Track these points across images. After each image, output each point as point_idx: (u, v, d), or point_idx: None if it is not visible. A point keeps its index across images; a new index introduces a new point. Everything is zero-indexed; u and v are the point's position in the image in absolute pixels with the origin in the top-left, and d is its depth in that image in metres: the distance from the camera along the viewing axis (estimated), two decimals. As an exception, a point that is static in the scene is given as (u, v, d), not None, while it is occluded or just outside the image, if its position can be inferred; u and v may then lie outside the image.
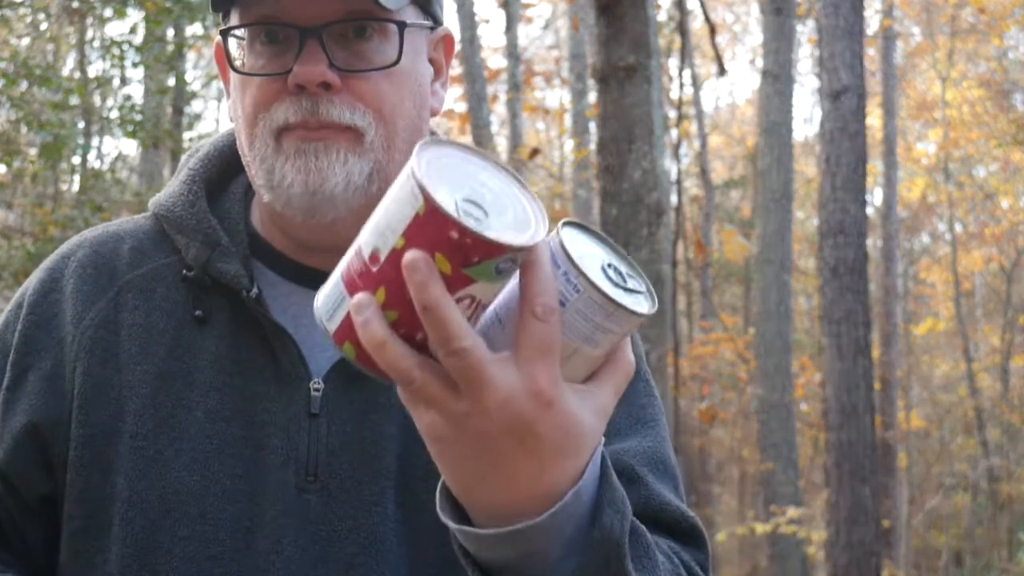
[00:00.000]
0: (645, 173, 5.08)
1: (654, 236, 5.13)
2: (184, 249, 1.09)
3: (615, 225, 5.09)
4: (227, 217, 1.12)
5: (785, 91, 10.45)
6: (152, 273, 1.10)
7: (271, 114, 1.03)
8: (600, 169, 5.22)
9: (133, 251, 1.12)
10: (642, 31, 5.08)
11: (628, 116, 5.08)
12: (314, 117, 1.01)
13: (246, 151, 1.07)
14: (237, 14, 1.05)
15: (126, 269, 1.11)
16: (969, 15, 16.95)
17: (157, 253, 1.12)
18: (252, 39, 1.04)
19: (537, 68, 15.58)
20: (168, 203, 1.12)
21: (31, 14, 8.31)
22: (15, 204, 8.22)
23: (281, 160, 1.03)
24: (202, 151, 1.18)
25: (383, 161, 1.04)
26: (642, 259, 4.99)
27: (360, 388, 1.05)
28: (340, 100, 1.01)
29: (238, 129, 1.08)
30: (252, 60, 1.04)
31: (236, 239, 1.10)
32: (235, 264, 1.07)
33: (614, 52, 5.05)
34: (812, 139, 19.53)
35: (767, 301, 10.49)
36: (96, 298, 1.09)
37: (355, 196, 1.02)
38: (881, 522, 7.29)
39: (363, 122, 1.02)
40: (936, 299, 21.23)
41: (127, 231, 1.15)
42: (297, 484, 1.02)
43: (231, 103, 1.10)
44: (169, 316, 1.08)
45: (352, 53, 1.02)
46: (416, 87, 1.07)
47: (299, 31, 1.01)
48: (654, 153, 5.20)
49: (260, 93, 1.03)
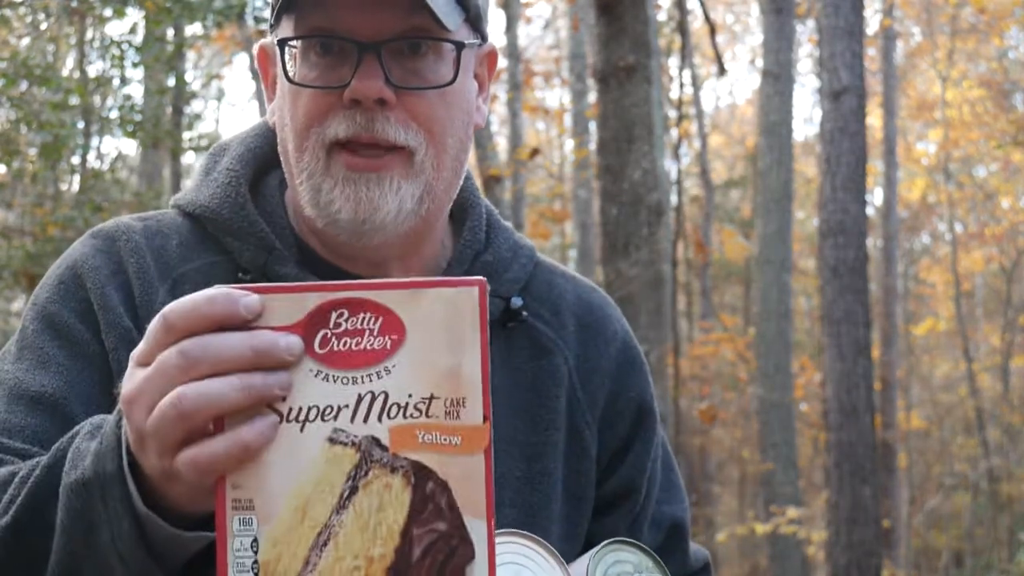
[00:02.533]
0: (645, 173, 5.07)
1: (654, 236, 5.13)
2: (237, 252, 1.07)
3: (615, 225, 5.09)
4: (273, 220, 1.10)
5: (785, 91, 10.45)
6: (206, 269, 1.08)
7: (324, 128, 1.02)
8: (600, 169, 5.21)
9: (181, 246, 1.10)
10: (642, 31, 5.08)
11: (628, 116, 5.07)
12: (368, 133, 1.00)
13: (292, 162, 1.06)
14: (291, 23, 1.03)
15: (178, 262, 1.08)
16: (969, 15, 16.94)
17: (205, 251, 1.09)
18: (307, 49, 1.02)
19: (537, 68, 15.58)
20: (212, 205, 1.10)
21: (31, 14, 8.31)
22: (15, 204, 8.22)
23: (330, 183, 1.02)
24: (233, 149, 1.15)
25: (433, 181, 1.04)
26: (642, 259, 4.99)
27: None
28: (395, 117, 1.01)
29: (284, 138, 1.07)
30: (306, 71, 1.03)
31: (286, 243, 1.09)
32: (292, 268, 1.06)
33: (614, 52, 5.05)
34: (812, 139, 19.53)
35: (767, 301, 10.49)
36: (159, 285, 1.07)
37: (406, 221, 1.03)
38: (881, 522, 7.29)
39: (415, 141, 1.02)
40: (936, 299, 21.23)
41: (168, 226, 1.12)
42: None
43: (276, 110, 1.08)
44: None
45: (407, 70, 1.02)
46: (465, 105, 1.07)
47: (357, 45, 1.00)
48: (654, 153, 5.20)
49: (314, 105, 1.02)
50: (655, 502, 1.20)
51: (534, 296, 1.15)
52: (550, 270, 1.20)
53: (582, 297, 1.19)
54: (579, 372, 1.14)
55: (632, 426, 1.17)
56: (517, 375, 1.11)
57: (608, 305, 1.22)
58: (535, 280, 1.16)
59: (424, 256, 1.11)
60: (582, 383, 1.14)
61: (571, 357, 1.14)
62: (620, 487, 1.16)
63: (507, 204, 9.59)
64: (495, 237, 1.16)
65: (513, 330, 1.12)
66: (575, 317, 1.16)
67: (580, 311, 1.17)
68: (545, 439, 1.10)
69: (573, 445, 1.12)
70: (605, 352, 1.17)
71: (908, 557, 16.52)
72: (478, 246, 1.14)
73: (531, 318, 1.13)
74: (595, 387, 1.15)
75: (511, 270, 1.14)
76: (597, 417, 1.14)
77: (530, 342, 1.13)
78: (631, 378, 1.18)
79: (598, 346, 1.17)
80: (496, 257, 1.14)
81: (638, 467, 1.17)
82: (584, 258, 12.57)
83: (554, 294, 1.17)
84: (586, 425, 1.13)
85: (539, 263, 1.19)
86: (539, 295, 1.16)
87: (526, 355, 1.12)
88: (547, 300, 1.16)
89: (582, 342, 1.16)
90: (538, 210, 13.28)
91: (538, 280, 1.17)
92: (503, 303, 1.11)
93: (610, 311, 1.21)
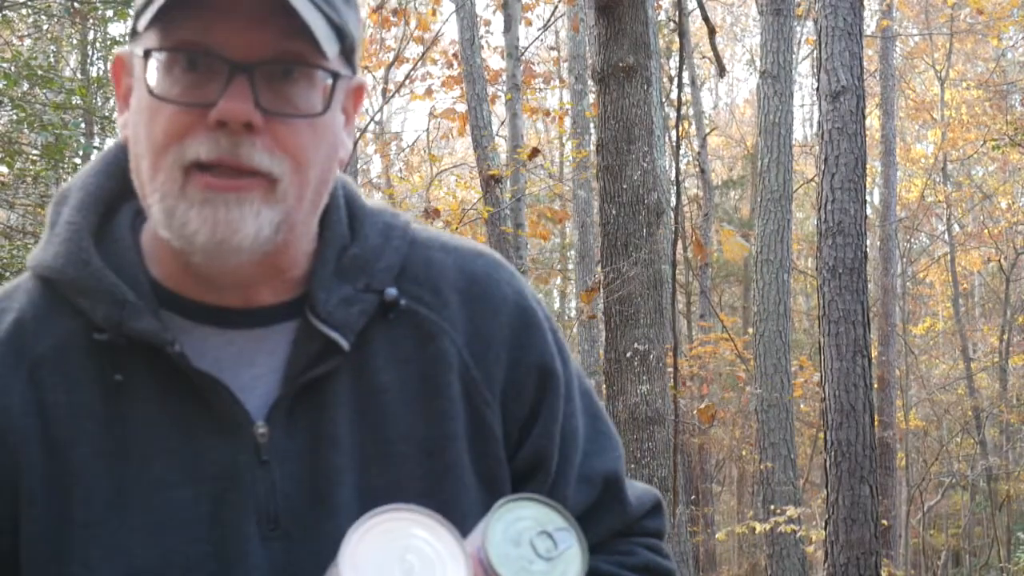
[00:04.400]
0: (644, 173, 5.10)
1: (653, 236, 5.16)
2: (90, 312, 0.99)
3: (615, 225, 5.11)
4: (123, 268, 1.02)
5: (784, 91, 10.47)
6: (61, 343, 1.01)
7: (183, 147, 0.94)
8: (600, 169, 5.24)
9: (35, 320, 1.02)
10: (642, 32, 5.11)
11: (627, 117, 5.10)
12: (232, 158, 0.94)
13: (145, 182, 0.98)
14: (157, 33, 0.95)
15: (32, 341, 1.01)
16: (967, 16, 16.97)
17: (58, 318, 1.02)
18: (171, 63, 0.95)
19: (537, 69, 15.59)
20: (56, 265, 1.02)
21: (33, 15, 8.33)
22: (17, 204, 8.24)
23: (185, 205, 0.95)
24: (72, 198, 1.06)
25: (293, 211, 0.98)
26: (642, 259, 5.02)
27: (302, 422, 1.02)
28: (261, 143, 0.95)
29: (138, 154, 0.99)
30: (168, 85, 0.95)
31: (140, 291, 1.01)
32: (149, 319, 0.99)
33: (614, 53, 5.07)
34: (811, 139, 19.55)
35: (766, 301, 10.51)
36: (13, 382, 1.00)
37: (262, 246, 0.97)
38: (880, 521, 7.30)
39: (279, 169, 0.96)
40: (935, 299, 21.25)
41: (15, 300, 1.05)
42: (260, 535, 0.99)
43: (130, 124, 1.00)
44: (90, 387, 0.99)
45: (278, 95, 0.96)
46: (332, 137, 1.01)
47: (229, 64, 0.94)
48: (653, 153, 5.22)
49: (175, 123, 0.95)
50: (583, 457, 1.14)
51: (412, 279, 1.08)
52: (427, 245, 1.11)
53: (464, 268, 1.11)
54: (470, 349, 1.07)
55: (536, 392, 1.10)
56: (405, 367, 1.05)
57: (495, 269, 1.13)
58: (411, 262, 1.09)
59: (290, 271, 1.05)
60: (476, 360, 1.07)
61: (459, 337, 1.07)
62: (532, 457, 1.11)
63: (507, 204, 9.61)
64: (360, 226, 1.09)
65: (395, 320, 1.06)
66: (458, 292, 1.09)
67: (463, 284, 1.10)
68: (444, 431, 1.05)
69: (475, 429, 1.07)
70: (495, 321, 1.09)
71: (907, 556, 16.54)
72: (342, 241, 1.07)
73: (411, 303, 1.07)
74: (490, 361, 1.08)
75: (383, 258, 1.07)
76: (498, 392, 1.08)
77: (414, 329, 1.06)
78: (528, 342, 1.11)
79: (486, 317, 1.09)
80: (364, 248, 1.07)
81: (547, 435, 1.11)
82: (584, 258, 12.59)
83: (433, 272, 1.09)
84: (486, 405, 1.08)
85: (415, 241, 1.11)
86: (417, 276, 1.08)
87: (411, 344, 1.06)
88: (426, 280, 1.09)
89: (469, 317, 1.09)
90: (538, 210, 13.28)
91: (414, 260, 1.09)
92: (377, 297, 1.05)
93: (497, 276, 1.12)
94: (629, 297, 5.03)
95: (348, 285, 1.04)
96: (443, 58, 13.50)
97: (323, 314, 1.02)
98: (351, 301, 1.03)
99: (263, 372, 1.02)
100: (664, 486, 5.12)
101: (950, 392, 18.55)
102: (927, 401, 18.71)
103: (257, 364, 1.03)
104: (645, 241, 5.07)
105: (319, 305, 1.02)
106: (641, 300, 5.05)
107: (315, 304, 1.02)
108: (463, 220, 11.02)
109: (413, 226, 1.13)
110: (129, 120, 1.01)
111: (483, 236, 10.45)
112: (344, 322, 1.02)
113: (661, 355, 5.19)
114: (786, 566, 10.24)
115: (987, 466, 16.17)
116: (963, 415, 17.73)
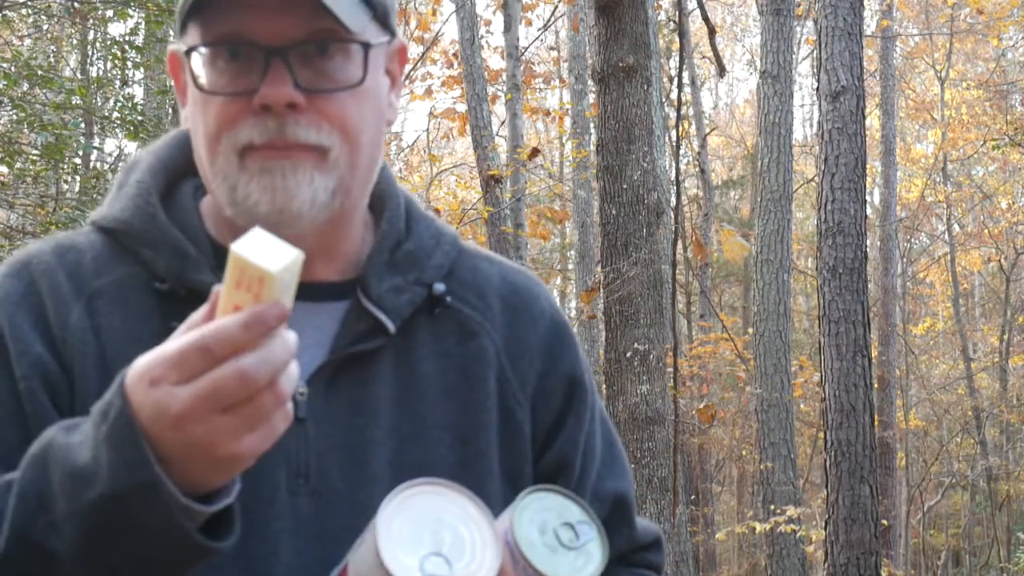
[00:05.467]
0: (644, 173, 5.10)
1: (653, 236, 5.16)
2: (151, 261, 1.07)
3: (615, 225, 5.12)
4: (187, 227, 1.09)
5: (784, 91, 10.48)
6: (121, 281, 1.08)
7: (235, 133, 1.02)
8: (600, 169, 5.24)
9: (95, 261, 1.09)
10: (642, 32, 5.11)
11: (627, 117, 5.10)
12: (280, 138, 1.00)
13: (207, 167, 1.06)
14: (198, 30, 1.02)
15: (92, 277, 1.08)
16: (967, 16, 16.97)
17: (120, 264, 1.09)
18: (214, 56, 1.02)
19: (537, 69, 15.59)
20: (124, 217, 1.10)
21: (33, 15, 8.34)
22: (17, 204, 8.23)
23: (245, 178, 1.02)
24: (143, 163, 1.15)
25: (347, 177, 1.04)
26: (642, 259, 5.02)
27: (343, 392, 1.06)
28: (306, 120, 1.01)
29: (197, 143, 1.07)
30: (215, 78, 1.02)
31: (201, 248, 1.08)
32: (208, 273, 1.05)
33: (614, 53, 5.07)
34: (811, 139, 19.55)
35: (766, 301, 10.51)
36: (73, 303, 1.06)
37: (321, 212, 1.03)
38: (880, 521, 7.30)
39: (328, 141, 1.02)
40: (935, 299, 21.26)
41: (81, 243, 1.11)
42: (288, 487, 1.03)
43: (189, 116, 1.08)
44: (146, 324, 1.05)
45: (316, 72, 1.02)
46: (376, 102, 1.08)
47: (264, 50, 1.00)
48: (653, 153, 5.23)
49: (224, 112, 1.02)
50: (597, 477, 1.20)
51: (459, 281, 1.15)
52: (474, 255, 1.20)
53: (507, 279, 1.20)
54: (507, 352, 1.15)
55: (564, 401, 1.18)
56: (446, 360, 1.12)
57: (534, 285, 1.22)
58: (459, 266, 1.17)
59: (345, 251, 1.12)
60: (511, 363, 1.15)
61: (498, 338, 1.15)
62: (555, 462, 1.17)
63: (507, 204, 9.61)
64: (415, 226, 1.17)
65: (440, 316, 1.13)
66: (501, 299, 1.17)
67: (506, 293, 1.18)
68: (477, 421, 1.11)
69: (506, 425, 1.13)
70: (532, 331, 1.17)
71: (907, 556, 16.55)
72: (398, 236, 1.14)
73: (457, 303, 1.14)
74: (525, 366, 1.15)
75: (434, 257, 1.14)
76: (529, 395, 1.15)
77: (457, 326, 1.14)
78: (560, 354, 1.19)
79: (525, 326, 1.17)
80: (418, 245, 1.14)
81: (572, 442, 1.17)
82: (584, 258, 12.60)
83: (479, 278, 1.18)
84: (518, 404, 1.14)
85: (463, 250, 1.19)
86: (464, 280, 1.16)
87: (454, 340, 1.13)
88: (472, 285, 1.16)
89: (509, 323, 1.16)
90: (538, 210, 13.28)
91: (462, 266, 1.17)
92: (426, 290, 1.12)
93: (537, 291, 1.22)
94: (629, 297, 5.03)
95: (399, 276, 1.11)
96: (443, 58, 13.51)
97: (374, 297, 1.09)
98: (401, 289, 1.10)
99: (310, 344, 1.06)
100: (664, 486, 5.12)
101: (950, 392, 18.55)
102: (927, 401, 18.72)
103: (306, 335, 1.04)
104: (645, 241, 5.08)
105: (371, 288, 1.09)
106: (641, 300, 5.05)
107: (368, 287, 1.09)
108: (463, 220, 11.03)
109: (460, 238, 1.21)
110: (188, 113, 1.09)
111: (483, 236, 10.45)
112: (393, 307, 1.09)
113: (661, 355, 5.19)
114: (786, 566, 10.24)
115: (987, 466, 16.18)
116: (963, 415, 17.74)
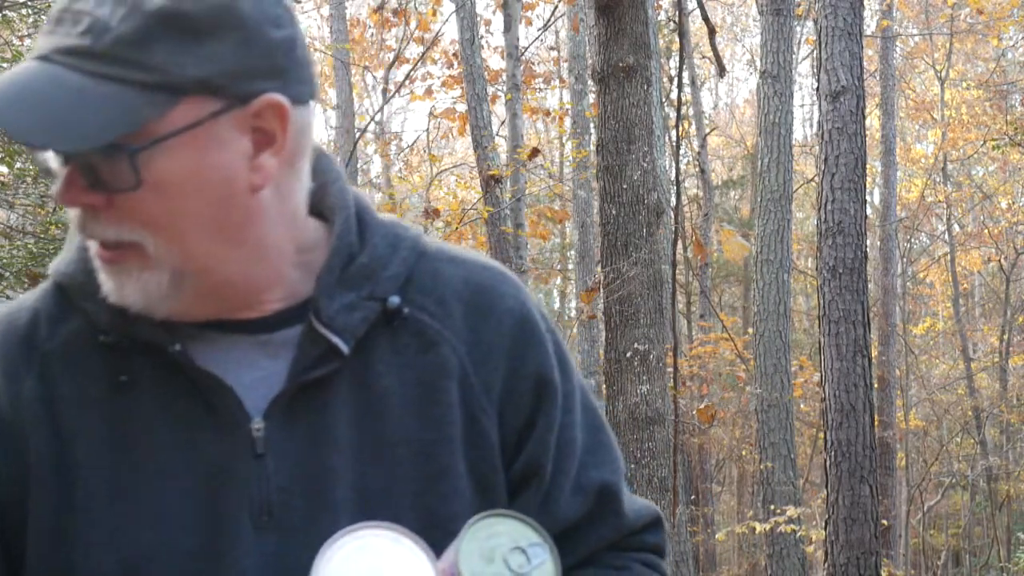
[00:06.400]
0: (644, 173, 5.10)
1: (653, 236, 5.16)
2: (94, 314, 1.05)
3: (614, 225, 5.12)
4: None
5: (784, 91, 10.48)
6: (68, 339, 1.07)
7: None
8: (600, 169, 5.24)
9: (47, 320, 1.09)
10: (641, 32, 5.11)
11: (627, 117, 5.10)
12: (88, 236, 1.00)
13: None
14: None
15: (44, 339, 1.08)
16: (967, 16, 16.98)
17: (68, 320, 1.08)
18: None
19: (537, 69, 15.60)
20: (68, 270, 1.09)
21: (33, 15, 8.34)
22: (17, 204, 8.24)
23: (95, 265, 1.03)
24: None
25: (185, 264, 1.00)
26: (642, 259, 5.02)
27: (302, 421, 1.05)
28: (106, 219, 0.98)
29: None
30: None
31: None
32: (149, 325, 1.03)
33: (614, 53, 5.07)
34: (811, 139, 19.56)
35: (766, 301, 10.51)
36: (24, 373, 1.06)
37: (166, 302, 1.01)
38: (880, 521, 7.30)
39: (135, 236, 0.98)
40: (935, 299, 21.27)
41: (34, 300, 1.11)
42: (254, 525, 1.02)
43: None
44: (96, 383, 1.05)
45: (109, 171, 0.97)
46: (203, 184, 0.98)
47: (60, 156, 0.98)
48: (653, 153, 5.23)
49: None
50: (580, 467, 1.16)
51: (418, 289, 1.12)
52: (436, 257, 1.15)
53: (470, 280, 1.14)
54: (471, 358, 1.11)
55: (533, 402, 1.13)
56: (405, 373, 1.09)
57: (500, 283, 1.16)
58: (419, 272, 1.12)
59: (284, 279, 1.08)
60: (475, 368, 1.11)
61: (460, 345, 1.11)
62: (527, 465, 1.13)
63: (507, 204, 9.61)
64: (370, 235, 1.12)
65: (398, 328, 1.09)
66: (463, 303, 1.13)
67: (468, 295, 1.13)
68: (440, 435, 1.08)
69: (472, 435, 1.10)
70: (496, 332, 1.13)
71: (907, 556, 16.55)
72: (350, 249, 1.10)
73: (415, 312, 1.10)
74: (490, 370, 1.11)
75: (389, 267, 1.10)
76: (495, 400, 1.11)
77: (416, 337, 1.10)
78: (526, 353, 1.13)
79: (489, 326, 1.13)
80: (372, 257, 1.10)
81: (542, 444, 1.13)
82: (584, 258, 12.60)
83: (439, 283, 1.13)
84: (483, 412, 1.10)
85: (424, 253, 1.14)
86: (423, 287, 1.12)
87: (413, 351, 1.09)
88: (432, 291, 1.12)
89: (471, 327, 1.12)
90: (538, 210, 13.28)
91: (422, 271, 1.13)
92: (380, 305, 1.08)
93: (503, 289, 1.15)
94: (629, 297, 5.03)
95: (352, 292, 1.08)
96: (443, 58, 13.51)
97: (326, 319, 1.05)
98: (354, 307, 1.07)
99: (266, 374, 1.05)
100: (664, 486, 5.12)
101: (950, 392, 18.56)
102: (927, 401, 18.72)
103: (261, 367, 1.06)
104: (645, 241, 5.08)
105: (322, 310, 1.06)
106: (641, 300, 5.05)
107: (319, 310, 1.06)
108: (463, 220, 11.03)
109: (424, 240, 1.16)
110: None
111: (483, 236, 10.45)
112: (345, 327, 1.06)
113: (661, 355, 5.19)
114: (786, 566, 10.24)
115: (987, 466, 16.18)
116: (963, 415, 17.74)
